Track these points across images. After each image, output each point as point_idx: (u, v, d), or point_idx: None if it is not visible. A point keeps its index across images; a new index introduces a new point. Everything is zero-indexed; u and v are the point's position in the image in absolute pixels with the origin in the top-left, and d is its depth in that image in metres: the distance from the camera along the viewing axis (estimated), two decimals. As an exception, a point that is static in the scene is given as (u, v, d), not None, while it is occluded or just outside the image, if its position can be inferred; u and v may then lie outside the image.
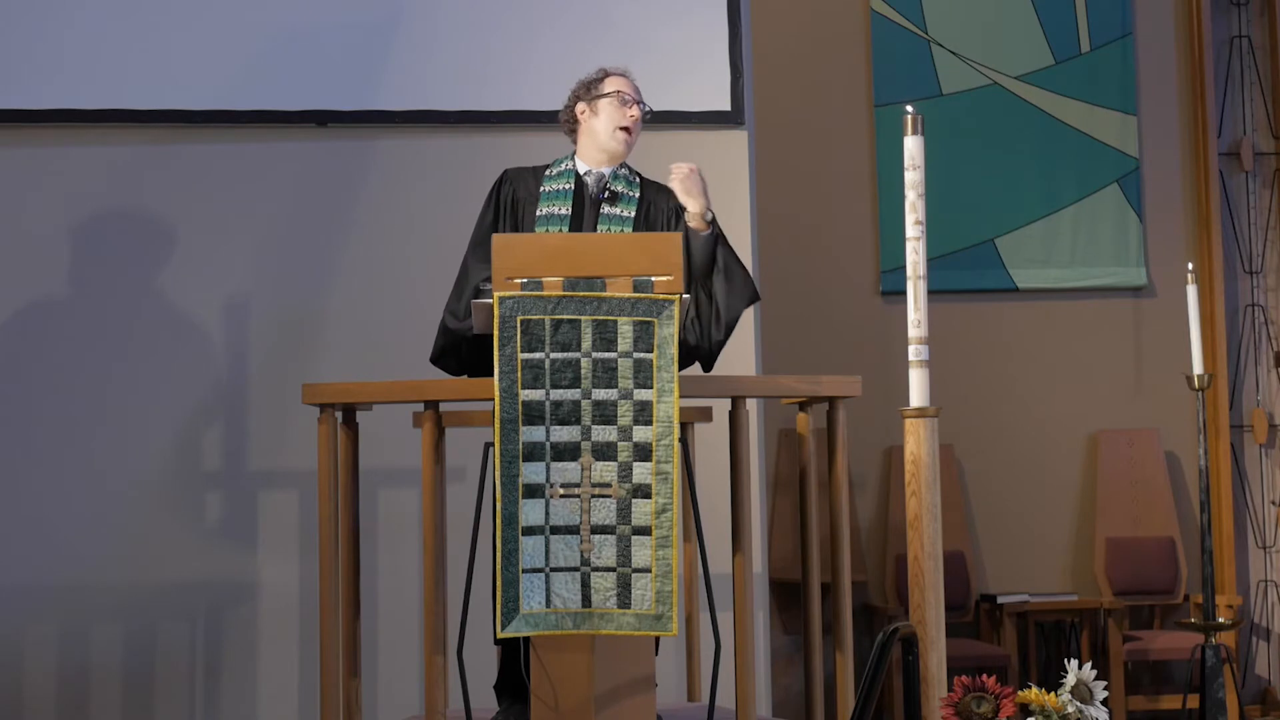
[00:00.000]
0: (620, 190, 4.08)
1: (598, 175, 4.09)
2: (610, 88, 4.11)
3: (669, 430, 3.39)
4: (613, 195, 4.06)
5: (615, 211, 4.06)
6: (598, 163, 4.11)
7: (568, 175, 4.11)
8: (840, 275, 7.22)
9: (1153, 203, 7.33)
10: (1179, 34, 7.40)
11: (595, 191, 4.06)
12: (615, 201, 4.06)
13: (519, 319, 3.40)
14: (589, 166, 4.11)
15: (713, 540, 3.76)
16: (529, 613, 3.38)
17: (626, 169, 4.14)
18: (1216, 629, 5.08)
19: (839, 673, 3.85)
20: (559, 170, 4.12)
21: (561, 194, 4.07)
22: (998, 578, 7.13)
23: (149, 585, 5.08)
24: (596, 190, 4.06)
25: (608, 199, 4.05)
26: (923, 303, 3.36)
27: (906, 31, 7.30)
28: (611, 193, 4.06)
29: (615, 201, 4.06)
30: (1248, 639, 7.21)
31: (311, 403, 3.74)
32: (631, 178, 4.13)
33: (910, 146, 3.36)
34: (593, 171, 4.10)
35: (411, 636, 5.00)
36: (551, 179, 4.11)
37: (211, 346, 5.19)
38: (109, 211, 5.19)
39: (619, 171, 4.12)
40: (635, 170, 4.16)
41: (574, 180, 4.09)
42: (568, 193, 4.06)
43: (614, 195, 4.06)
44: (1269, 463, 7.29)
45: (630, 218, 4.05)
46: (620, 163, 4.13)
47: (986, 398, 7.18)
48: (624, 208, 4.06)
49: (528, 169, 4.17)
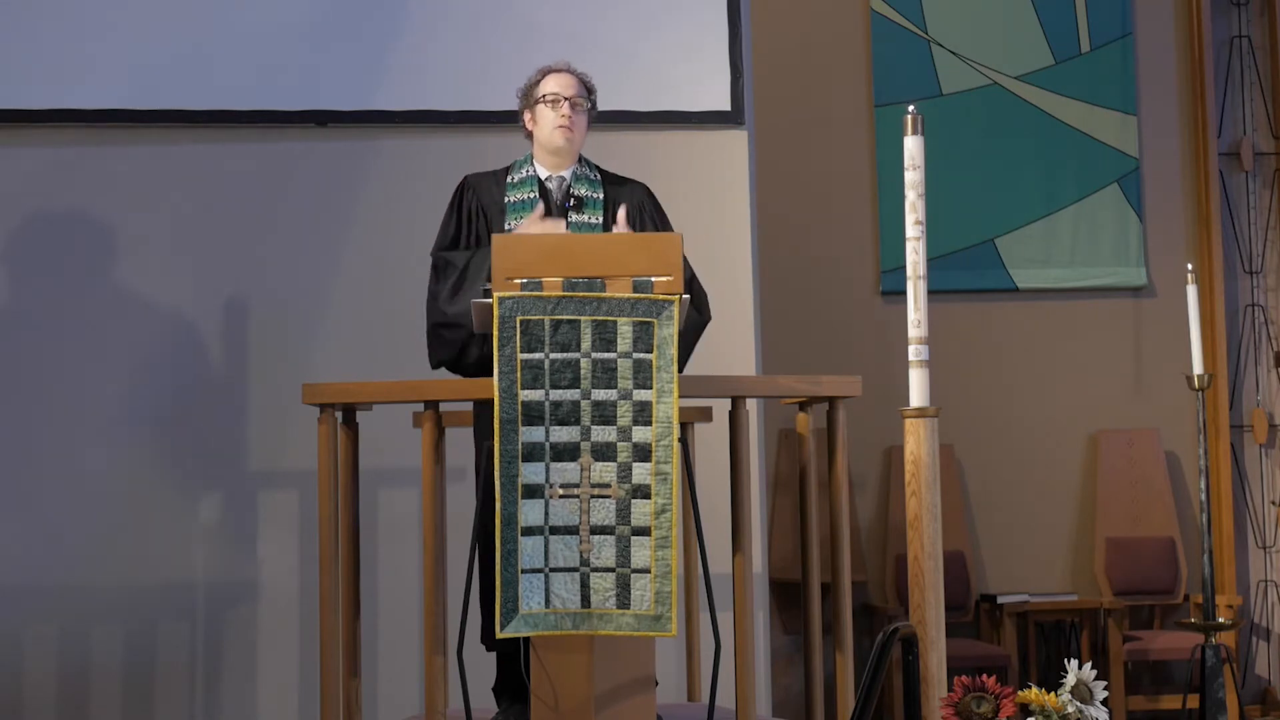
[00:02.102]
0: (584, 194, 4.08)
1: (559, 180, 4.09)
2: (542, 91, 4.09)
3: (668, 430, 3.39)
4: (578, 202, 4.06)
5: (583, 219, 4.05)
6: (555, 166, 4.10)
7: (530, 183, 4.09)
8: (840, 275, 7.22)
9: (1153, 203, 7.33)
10: (1179, 34, 7.40)
11: (559, 199, 4.06)
12: (581, 208, 4.06)
13: (518, 319, 3.40)
14: (548, 171, 4.10)
15: (713, 540, 3.76)
16: (528, 613, 3.38)
17: (587, 166, 4.14)
18: (1216, 629, 5.08)
19: (839, 673, 3.85)
20: (521, 177, 4.10)
21: (527, 204, 4.05)
22: (998, 578, 7.13)
23: (149, 585, 5.08)
24: (560, 197, 4.06)
25: (573, 206, 4.05)
26: (923, 303, 3.36)
27: (906, 31, 7.30)
28: (576, 199, 4.06)
29: (581, 208, 4.06)
30: (1248, 639, 7.21)
31: (311, 403, 3.74)
32: (593, 176, 4.12)
33: (910, 146, 3.36)
34: (553, 177, 4.10)
35: (411, 636, 5.00)
36: (515, 187, 4.09)
37: (211, 346, 5.19)
38: (109, 211, 5.19)
39: (579, 172, 4.11)
40: (595, 166, 4.15)
41: (537, 188, 4.08)
42: (533, 201, 4.05)
43: (579, 201, 4.06)
44: (1269, 463, 7.29)
45: (598, 224, 4.04)
46: (577, 160, 4.12)
47: (986, 398, 7.18)
48: (590, 213, 4.06)
49: (488, 174, 4.15)
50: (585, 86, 4.12)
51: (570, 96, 4.06)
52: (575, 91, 4.08)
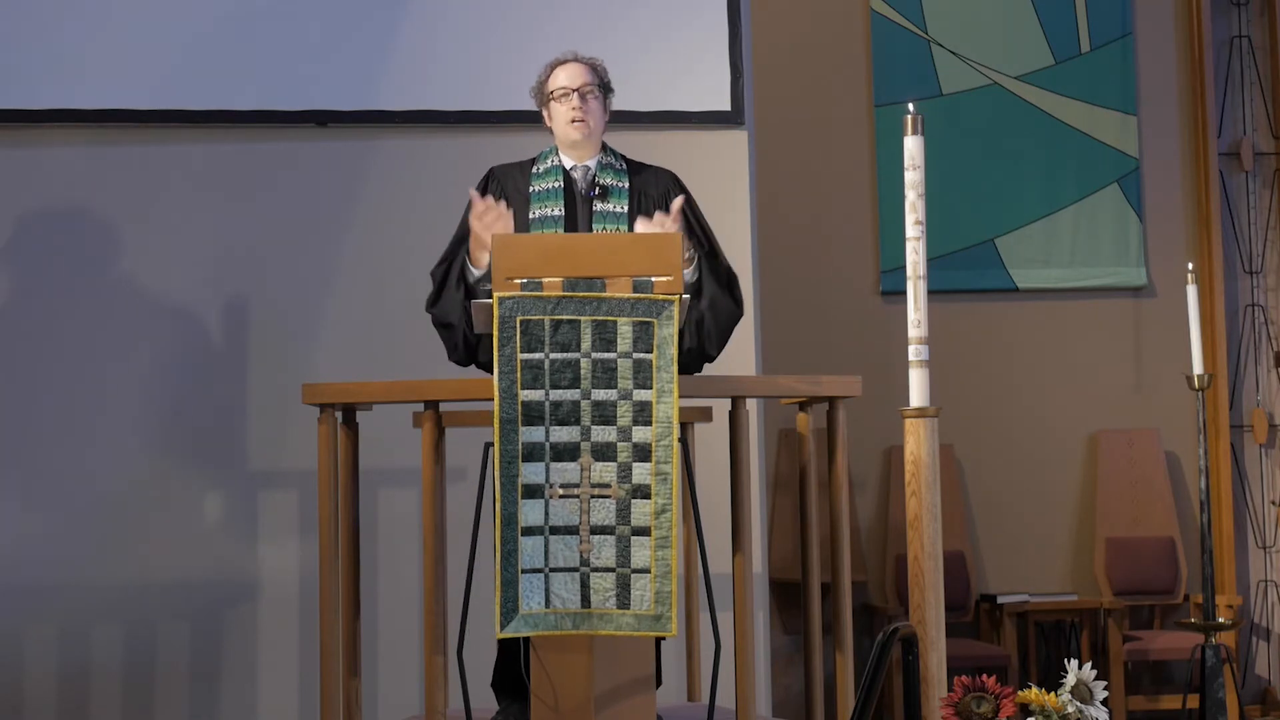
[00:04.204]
0: (610, 183, 4.06)
1: (584, 169, 4.08)
2: (552, 86, 4.08)
3: (668, 430, 3.39)
4: (603, 190, 4.05)
5: (608, 208, 4.04)
6: (579, 156, 4.08)
7: (555, 173, 4.07)
8: (840, 275, 7.22)
9: (1153, 203, 7.33)
10: (1179, 34, 7.40)
11: (584, 188, 4.05)
12: (606, 197, 4.04)
13: (518, 319, 3.40)
14: (573, 161, 4.09)
15: (713, 540, 3.76)
16: (528, 613, 3.38)
17: (612, 155, 4.12)
18: (1216, 629, 5.08)
19: (839, 673, 3.85)
20: (546, 167, 4.09)
21: (552, 193, 4.04)
22: (998, 578, 7.13)
23: (149, 585, 5.08)
24: (586, 187, 4.05)
25: (599, 195, 4.04)
26: (923, 303, 3.36)
27: (906, 31, 7.30)
28: (602, 188, 4.05)
29: (606, 197, 4.04)
30: (1248, 639, 7.21)
31: (311, 403, 3.74)
32: (619, 165, 4.10)
33: (910, 146, 3.36)
34: (578, 166, 4.09)
35: (411, 636, 5.00)
36: (540, 177, 4.08)
37: (211, 346, 5.19)
38: (109, 211, 5.19)
39: (604, 161, 4.10)
40: (621, 155, 4.14)
41: (563, 177, 4.07)
42: (558, 191, 4.04)
43: (604, 190, 4.05)
44: (1269, 463, 7.29)
45: (624, 213, 4.03)
46: (601, 149, 4.10)
47: (986, 398, 7.18)
48: (616, 202, 4.04)
49: (514, 165, 4.14)
50: (595, 72, 4.09)
51: (579, 87, 4.04)
52: (585, 80, 4.05)
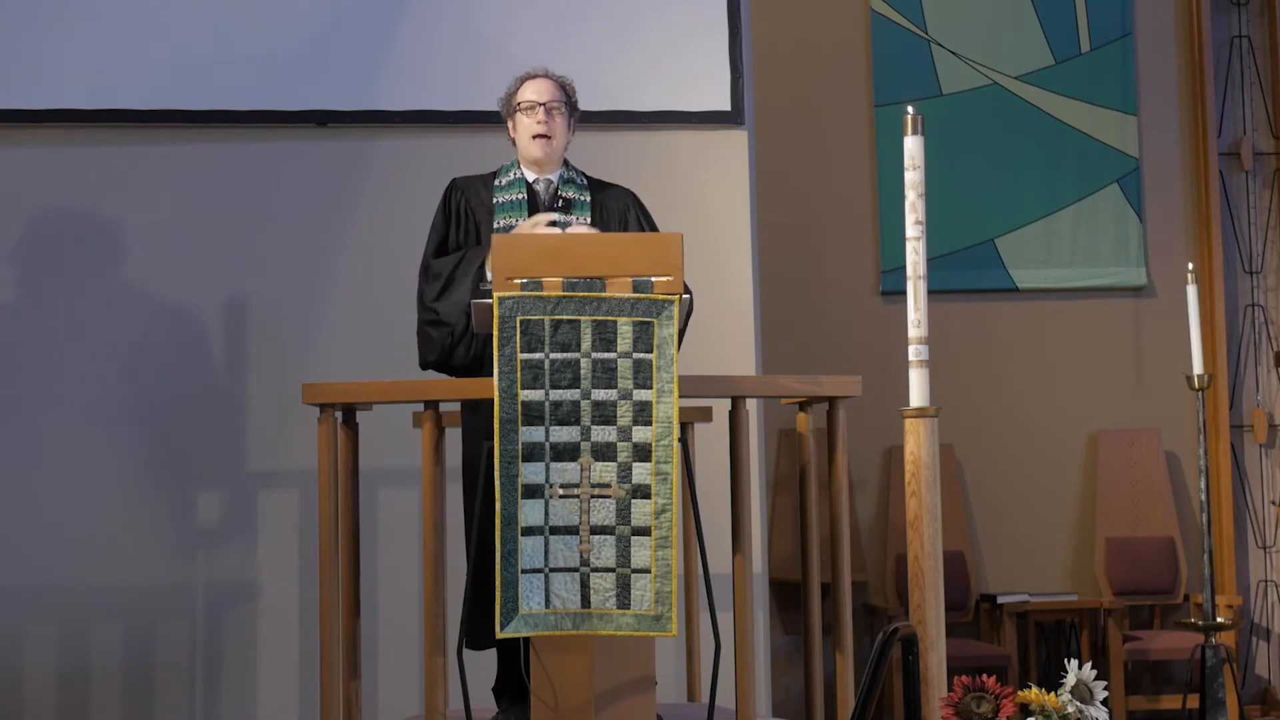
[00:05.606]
0: (571, 196, 4.09)
1: (546, 183, 4.11)
2: (519, 99, 4.11)
3: (668, 430, 3.39)
4: (566, 203, 4.07)
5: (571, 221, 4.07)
6: (540, 170, 4.12)
7: (519, 185, 4.10)
8: (840, 275, 7.22)
9: (1153, 203, 7.33)
10: (1179, 34, 7.40)
11: (547, 201, 4.08)
12: (569, 210, 4.07)
13: (518, 319, 3.40)
14: (535, 174, 4.12)
15: (713, 540, 3.76)
16: (528, 613, 3.38)
17: (573, 171, 4.15)
18: (1216, 629, 5.08)
19: (839, 673, 3.85)
20: (509, 179, 4.12)
21: (516, 205, 4.07)
22: (998, 578, 7.13)
23: (149, 585, 5.08)
24: (548, 200, 4.08)
25: (561, 207, 4.06)
26: (923, 303, 3.36)
27: (906, 31, 7.30)
28: (564, 200, 4.07)
29: (569, 210, 4.07)
30: (1248, 639, 7.21)
31: (311, 403, 3.74)
32: (580, 180, 4.14)
33: (910, 146, 3.36)
34: (540, 179, 4.11)
35: (411, 636, 5.00)
36: (503, 189, 4.11)
37: (211, 346, 5.19)
38: (109, 211, 5.19)
39: (566, 175, 4.12)
40: (581, 172, 4.18)
41: (525, 190, 4.10)
42: (522, 203, 4.07)
43: (566, 203, 4.07)
44: (1269, 463, 7.29)
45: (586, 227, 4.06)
46: (563, 164, 4.14)
47: (986, 398, 7.18)
48: (578, 215, 4.07)
49: (476, 177, 4.17)
50: (563, 90, 4.13)
51: (545, 102, 4.07)
52: (551, 96, 4.08)
